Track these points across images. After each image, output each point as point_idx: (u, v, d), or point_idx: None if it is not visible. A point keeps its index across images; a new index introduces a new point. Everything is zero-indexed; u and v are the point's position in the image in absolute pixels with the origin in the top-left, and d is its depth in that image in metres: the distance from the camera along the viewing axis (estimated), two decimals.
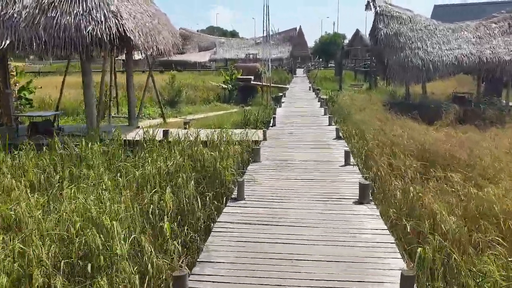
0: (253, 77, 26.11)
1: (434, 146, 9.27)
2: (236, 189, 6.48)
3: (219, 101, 23.40)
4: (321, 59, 63.05)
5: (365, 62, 39.66)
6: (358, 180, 6.83)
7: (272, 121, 13.39)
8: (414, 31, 18.91)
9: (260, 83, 25.11)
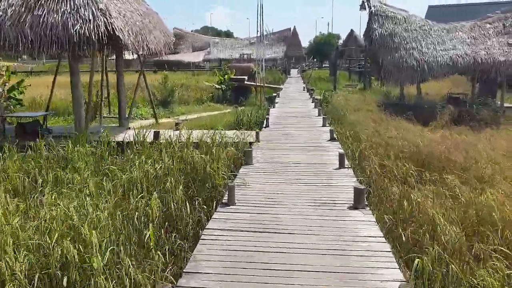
0: (247, 77, 25.86)
1: (429, 147, 9.11)
2: (226, 194, 6.26)
3: (213, 101, 23.14)
4: (315, 60, 62.88)
5: (359, 62, 39.57)
6: (352, 184, 6.64)
7: (265, 122, 13.14)
8: (409, 32, 18.73)
9: (254, 84, 24.86)
